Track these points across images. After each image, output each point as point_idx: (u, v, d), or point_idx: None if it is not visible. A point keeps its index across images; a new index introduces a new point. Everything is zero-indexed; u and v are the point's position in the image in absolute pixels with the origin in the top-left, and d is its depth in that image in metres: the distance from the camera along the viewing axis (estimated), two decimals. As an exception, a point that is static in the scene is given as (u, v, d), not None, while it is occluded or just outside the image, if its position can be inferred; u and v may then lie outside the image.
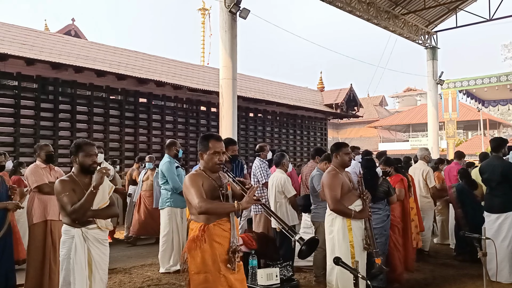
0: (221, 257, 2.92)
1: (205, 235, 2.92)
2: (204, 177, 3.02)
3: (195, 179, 2.99)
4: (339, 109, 18.41)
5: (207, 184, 2.99)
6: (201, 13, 30.52)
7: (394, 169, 5.71)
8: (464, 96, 19.28)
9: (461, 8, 16.22)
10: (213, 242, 2.92)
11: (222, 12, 9.20)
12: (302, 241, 2.74)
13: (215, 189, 3.01)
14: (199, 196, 2.89)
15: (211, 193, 2.98)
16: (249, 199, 2.86)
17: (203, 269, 2.91)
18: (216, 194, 3.00)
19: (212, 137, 3.13)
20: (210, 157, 3.03)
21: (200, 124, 14.05)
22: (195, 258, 2.93)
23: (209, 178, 3.03)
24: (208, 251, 2.91)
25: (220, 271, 2.90)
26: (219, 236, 2.94)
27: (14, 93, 10.10)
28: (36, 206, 4.76)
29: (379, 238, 4.76)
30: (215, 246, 2.92)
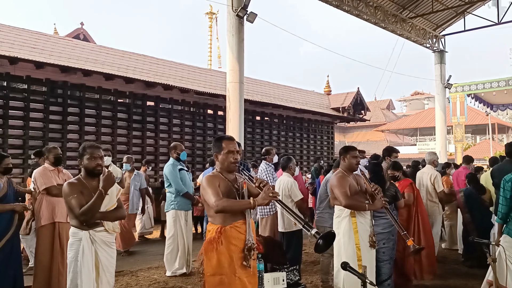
0: (236, 259, 2.94)
1: (222, 237, 2.95)
2: (220, 179, 3.06)
3: (211, 180, 3.03)
4: (346, 112, 18.37)
5: (223, 185, 3.03)
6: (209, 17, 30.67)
7: (402, 173, 5.67)
8: (473, 100, 19.15)
9: (469, 12, 16.14)
10: (229, 244, 2.95)
11: (230, 16, 9.23)
12: (318, 235, 2.72)
13: (231, 190, 3.05)
14: (215, 195, 2.92)
15: (228, 194, 3.01)
16: (265, 195, 2.87)
17: (218, 271, 2.94)
18: (233, 195, 3.03)
19: (224, 137, 3.19)
20: (224, 157, 3.08)
21: (207, 128, 14.08)
22: (211, 260, 2.96)
23: (225, 180, 3.06)
24: (224, 253, 2.93)
25: (235, 273, 2.93)
26: (235, 239, 2.97)
27: (24, 96, 10.20)
28: (44, 208, 4.79)
29: (386, 243, 4.73)
30: (231, 249, 2.95)
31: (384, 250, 4.73)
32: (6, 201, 4.68)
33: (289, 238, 5.63)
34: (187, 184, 6.20)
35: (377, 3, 13.84)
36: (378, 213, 4.68)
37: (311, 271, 6.16)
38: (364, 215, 4.24)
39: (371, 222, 4.25)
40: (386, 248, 4.74)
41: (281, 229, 5.70)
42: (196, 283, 5.58)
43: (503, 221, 3.94)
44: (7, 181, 4.80)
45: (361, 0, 13.19)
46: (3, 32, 9.92)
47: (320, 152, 18.40)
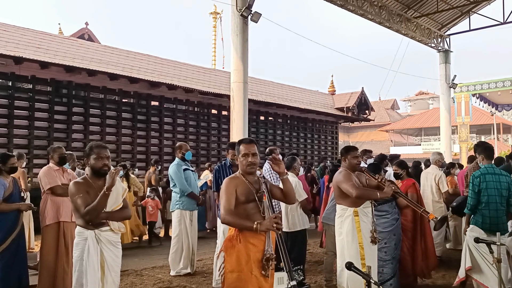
0: (254, 258, 3.00)
1: (240, 236, 3.02)
2: (240, 181, 3.15)
3: (228, 185, 3.11)
4: (350, 112, 18.34)
5: (242, 187, 3.11)
6: (213, 16, 30.66)
7: (406, 173, 5.65)
8: (477, 100, 19.06)
9: (475, 11, 16.06)
10: (247, 243, 3.00)
11: (234, 16, 9.23)
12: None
13: (250, 193, 3.11)
14: (226, 207, 3.03)
15: (246, 196, 3.09)
16: (268, 225, 2.92)
17: (236, 268, 3.01)
18: (252, 198, 3.11)
19: (243, 141, 3.30)
20: (241, 160, 3.19)
21: (211, 127, 14.10)
22: (230, 257, 3.04)
23: (245, 182, 3.14)
24: (242, 251, 3.00)
25: (252, 271, 2.99)
26: (254, 238, 3.02)
27: (29, 96, 10.26)
28: (49, 208, 4.81)
29: (388, 242, 4.72)
30: (249, 247, 3.00)
31: (386, 250, 4.72)
32: (11, 200, 4.71)
33: (293, 238, 5.62)
34: (192, 184, 6.21)
35: (381, 3, 13.81)
36: (378, 212, 4.67)
37: (315, 271, 6.15)
38: (366, 213, 4.24)
39: (373, 220, 4.25)
40: (388, 248, 4.73)
41: (285, 229, 5.69)
42: (201, 282, 5.59)
43: (471, 212, 4.42)
44: (12, 180, 4.83)
45: (365, 0, 13.16)
46: (9, 32, 9.98)
47: (324, 152, 18.38)
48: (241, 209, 3.07)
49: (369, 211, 4.26)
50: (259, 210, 3.09)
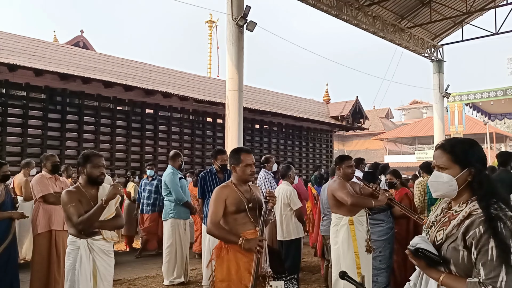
0: (244, 267, 2.98)
1: (228, 247, 3.01)
2: (231, 190, 3.13)
3: (219, 195, 3.10)
4: (345, 121, 18.41)
5: (233, 197, 3.09)
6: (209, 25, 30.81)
7: (400, 182, 5.65)
8: (471, 109, 19.18)
9: (467, 22, 16.25)
10: (236, 252, 2.98)
11: (229, 25, 9.27)
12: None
13: (241, 202, 3.09)
14: (212, 219, 3.02)
15: (237, 206, 3.07)
16: (253, 245, 2.89)
17: (226, 278, 3.00)
18: (242, 208, 3.08)
19: (242, 150, 3.32)
20: (243, 169, 3.19)
21: (206, 135, 14.09)
22: (221, 266, 3.03)
23: (236, 192, 3.13)
24: (232, 260, 2.99)
25: (242, 280, 2.96)
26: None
27: (22, 103, 10.21)
28: (41, 216, 4.77)
29: (383, 251, 4.72)
30: (238, 256, 2.98)
31: (381, 259, 4.72)
32: (3, 208, 4.66)
33: (287, 246, 5.61)
34: (187, 193, 6.19)
35: (376, 13, 13.93)
36: (373, 221, 4.67)
37: (309, 280, 6.13)
38: (361, 222, 4.24)
39: (368, 229, 4.26)
40: (382, 257, 4.72)
41: (280, 238, 5.68)
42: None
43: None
44: (5, 188, 4.79)
45: (360, 10, 13.27)
46: (2, 39, 9.95)
47: (319, 161, 18.39)
48: (231, 218, 3.05)
49: (364, 220, 4.26)
50: (249, 220, 3.06)
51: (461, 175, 1.84)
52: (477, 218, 1.72)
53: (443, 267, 1.78)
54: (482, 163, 1.87)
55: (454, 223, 1.79)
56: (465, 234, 1.73)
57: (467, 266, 1.72)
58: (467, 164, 1.84)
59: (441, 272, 1.76)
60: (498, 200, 1.77)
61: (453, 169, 1.85)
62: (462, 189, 1.85)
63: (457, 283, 1.71)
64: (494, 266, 1.62)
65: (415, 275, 1.96)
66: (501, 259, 1.62)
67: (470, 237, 1.70)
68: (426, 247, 1.77)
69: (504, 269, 1.61)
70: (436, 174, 1.90)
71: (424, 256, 1.76)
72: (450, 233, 1.78)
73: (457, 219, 1.79)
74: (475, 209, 1.76)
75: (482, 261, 1.65)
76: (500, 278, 1.60)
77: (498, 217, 1.69)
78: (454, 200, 1.91)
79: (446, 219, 1.86)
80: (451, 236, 1.77)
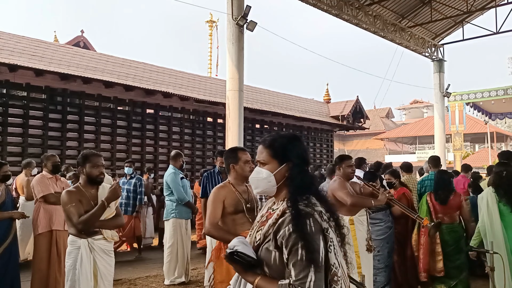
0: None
1: (226, 247, 2.96)
2: (229, 191, 3.12)
3: (217, 195, 3.09)
4: (346, 121, 18.40)
5: (231, 197, 3.09)
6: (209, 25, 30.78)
7: (399, 182, 5.66)
8: (471, 109, 19.20)
9: (468, 21, 16.23)
10: None
11: (230, 25, 9.27)
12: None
13: (239, 202, 3.09)
14: (211, 220, 3.03)
15: (235, 206, 3.07)
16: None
17: (226, 279, 3.00)
18: (240, 208, 3.09)
19: (238, 148, 3.33)
20: (242, 167, 3.18)
21: (206, 135, 14.09)
22: (220, 267, 3.04)
23: (234, 192, 3.12)
24: None
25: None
26: None
27: (23, 103, 10.21)
28: (41, 216, 4.78)
29: (381, 250, 4.72)
30: None
31: (379, 258, 4.72)
32: (4, 208, 4.67)
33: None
34: (188, 193, 6.20)
35: (376, 12, 13.92)
36: (372, 220, 4.67)
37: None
38: (362, 222, 4.24)
39: (368, 229, 4.26)
40: (381, 256, 4.73)
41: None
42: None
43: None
44: (5, 188, 4.80)
45: (360, 9, 13.26)
46: (3, 39, 9.95)
47: (319, 160, 18.39)
48: (229, 219, 3.04)
49: (364, 220, 4.26)
50: (248, 220, 3.06)
51: (279, 171, 1.76)
52: (288, 217, 1.63)
53: (259, 269, 1.68)
54: (301, 158, 1.78)
55: (270, 222, 1.69)
56: (276, 233, 1.64)
57: (279, 268, 1.63)
58: (285, 159, 1.76)
59: (257, 275, 1.66)
60: (311, 195, 1.69)
61: (272, 164, 1.77)
62: (281, 186, 1.76)
63: (270, 285, 1.61)
64: (304, 266, 1.54)
65: (234, 278, 1.86)
66: (309, 258, 1.54)
67: (280, 237, 1.61)
68: (243, 249, 1.68)
69: (313, 269, 1.54)
70: (257, 170, 1.82)
71: (241, 259, 1.67)
72: (267, 233, 1.68)
73: (272, 218, 1.70)
74: (289, 206, 1.66)
75: (292, 261, 1.56)
76: (309, 278, 1.53)
77: (307, 214, 1.61)
78: (275, 197, 1.81)
79: (264, 219, 1.77)
80: (268, 236, 1.67)
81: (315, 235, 1.58)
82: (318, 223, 1.60)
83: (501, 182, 4.10)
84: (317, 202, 1.68)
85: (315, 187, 1.77)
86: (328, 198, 1.78)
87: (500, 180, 4.12)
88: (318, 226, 1.60)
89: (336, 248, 1.64)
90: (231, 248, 1.70)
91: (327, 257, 1.60)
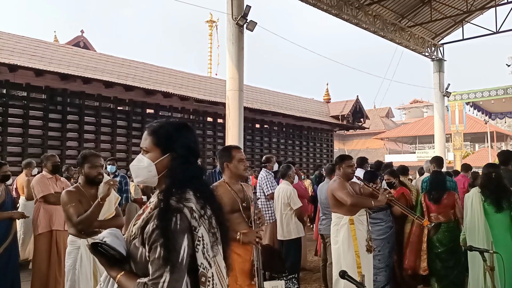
0: (239, 268, 2.94)
1: None
2: (225, 190, 3.10)
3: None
4: (345, 120, 18.40)
5: (227, 197, 3.06)
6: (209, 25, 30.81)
7: (399, 181, 5.65)
8: (471, 109, 19.17)
9: (468, 21, 16.23)
10: (232, 253, 2.95)
11: (230, 25, 9.27)
12: None
13: (235, 202, 3.07)
14: None
15: (231, 205, 3.05)
16: (251, 238, 2.92)
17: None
18: (236, 207, 3.07)
19: (232, 147, 3.30)
20: (236, 165, 3.14)
21: (206, 135, 14.09)
22: None
23: (230, 191, 3.10)
24: None
25: (237, 281, 2.95)
26: (238, 247, 2.98)
27: (23, 103, 10.21)
28: (41, 216, 4.78)
29: (382, 250, 4.72)
30: (234, 257, 2.95)
31: (380, 258, 4.72)
32: (4, 209, 4.67)
33: (288, 246, 5.61)
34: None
35: (376, 12, 13.92)
36: (373, 220, 4.67)
37: (310, 279, 6.13)
38: (362, 222, 4.24)
39: (368, 229, 4.25)
40: (381, 256, 4.73)
41: (280, 237, 5.68)
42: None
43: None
44: (5, 188, 4.80)
45: (360, 9, 13.25)
46: (3, 39, 9.95)
47: (319, 160, 18.39)
48: None
49: (364, 219, 4.26)
50: (244, 220, 3.04)
51: (161, 160, 1.62)
52: (156, 211, 1.52)
53: (128, 266, 1.57)
54: (187, 149, 1.66)
55: (143, 216, 1.58)
56: (143, 229, 1.52)
57: (145, 265, 1.51)
58: (169, 149, 1.63)
59: (120, 271, 1.55)
60: (192, 190, 1.57)
61: (154, 153, 1.64)
62: (163, 177, 1.62)
63: (129, 283, 1.51)
64: (159, 266, 1.44)
65: (104, 274, 1.71)
66: (166, 257, 1.44)
67: (145, 232, 1.50)
68: (111, 242, 1.56)
69: (168, 269, 1.43)
70: (139, 157, 1.68)
71: (105, 251, 1.55)
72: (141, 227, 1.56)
73: (146, 212, 1.58)
74: (160, 200, 1.55)
75: (151, 259, 1.47)
76: (163, 278, 1.43)
77: (175, 209, 1.50)
78: (158, 188, 1.67)
79: (141, 212, 1.65)
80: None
81: (179, 233, 1.47)
82: (186, 220, 1.49)
83: (489, 183, 4.25)
84: (192, 197, 1.55)
85: (200, 181, 1.65)
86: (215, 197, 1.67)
87: (488, 181, 4.27)
88: (185, 224, 1.49)
89: (207, 248, 1.54)
90: (100, 239, 1.59)
91: (194, 257, 1.51)
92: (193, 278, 1.52)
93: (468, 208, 4.32)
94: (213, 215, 1.60)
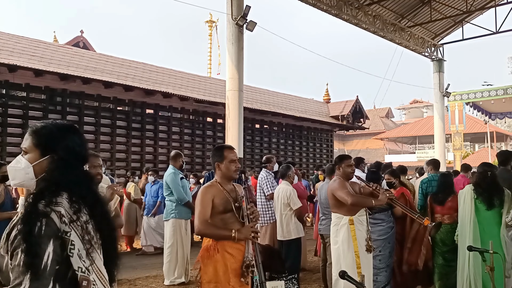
0: (231, 268, 2.93)
1: (218, 246, 2.95)
2: (217, 190, 3.07)
3: (205, 195, 3.04)
4: (345, 120, 18.41)
5: (220, 197, 3.03)
6: (209, 25, 30.83)
7: (399, 182, 5.64)
8: (471, 109, 19.17)
9: (468, 21, 16.23)
10: (224, 252, 2.95)
11: (229, 25, 9.27)
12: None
13: (228, 202, 3.04)
14: (201, 218, 2.97)
15: (224, 206, 3.02)
16: (247, 233, 2.90)
17: (214, 279, 2.95)
18: (229, 207, 3.03)
19: (224, 147, 3.25)
20: (227, 166, 3.10)
21: (206, 135, 14.09)
22: (207, 267, 2.97)
23: (223, 191, 3.07)
24: (220, 261, 2.94)
25: (229, 282, 2.92)
26: (231, 247, 2.96)
27: (23, 103, 10.22)
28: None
29: (382, 250, 4.71)
30: (226, 257, 2.94)
31: (381, 258, 4.71)
32: (3, 209, 4.66)
33: (288, 246, 5.60)
34: (187, 193, 6.19)
35: (376, 12, 13.92)
36: (374, 220, 4.66)
37: (310, 280, 6.13)
38: (362, 222, 4.23)
39: (368, 229, 4.25)
40: (382, 256, 4.72)
41: (280, 238, 5.68)
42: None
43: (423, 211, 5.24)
44: (4, 189, 4.79)
45: (360, 9, 13.26)
46: (2, 39, 9.95)
47: (319, 160, 18.40)
48: (218, 219, 2.99)
49: (364, 220, 4.25)
50: (236, 219, 3.01)
51: (40, 162, 1.53)
52: (21, 215, 1.43)
53: None
54: (70, 152, 1.56)
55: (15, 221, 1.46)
56: (9, 235, 1.42)
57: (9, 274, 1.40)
58: (50, 151, 1.54)
59: None
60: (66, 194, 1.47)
61: (33, 154, 1.55)
62: (41, 180, 1.53)
63: None
64: (20, 272, 1.35)
65: None
66: (27, 263, 1.34)
67: (9, 239, 1.41)
68: None
69: (29, 276, 1.34)
70: (17, 158, 1.59)
71: None
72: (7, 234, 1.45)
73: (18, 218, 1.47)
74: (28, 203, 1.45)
75: (12, 265, 1.37)
76: (23, 285, 1.34)
77: (42, 213, 1.40)
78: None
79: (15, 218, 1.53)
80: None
81: (43, 239, 1.38)
82: (53, 225, 1.40)
83: (482, 181, 4.34)
84: (65, 201, 1.45)
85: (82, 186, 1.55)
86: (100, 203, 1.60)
87: (482, 180, 4.36)
88: (52, 229, 1.40)
89: (82, 252, 1.44)
90: None
91: (69, 262, 1.42)
92: (74, 284, 1.44)
93: (461, 204, 4.46)
94: (91, 220, 1.51)
